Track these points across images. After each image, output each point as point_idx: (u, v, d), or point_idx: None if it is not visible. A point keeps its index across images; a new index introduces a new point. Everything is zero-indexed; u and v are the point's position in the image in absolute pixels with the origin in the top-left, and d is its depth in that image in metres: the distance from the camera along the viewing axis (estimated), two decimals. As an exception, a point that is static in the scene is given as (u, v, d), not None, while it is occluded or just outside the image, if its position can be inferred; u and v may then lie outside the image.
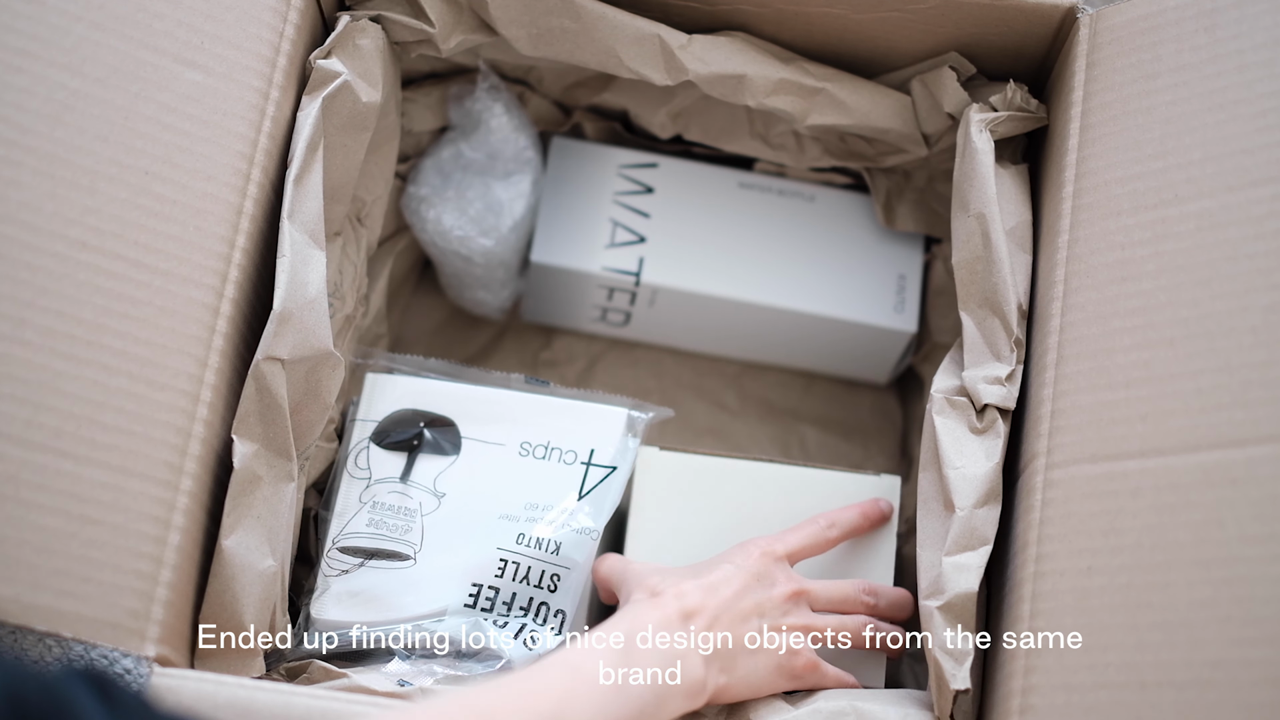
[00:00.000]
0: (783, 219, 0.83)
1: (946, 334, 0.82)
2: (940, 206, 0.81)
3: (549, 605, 0.67)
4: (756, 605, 0.63)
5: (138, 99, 0.61)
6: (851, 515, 0.70)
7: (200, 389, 0.60)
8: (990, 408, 0.66)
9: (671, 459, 0.72)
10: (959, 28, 0.71)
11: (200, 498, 0.60)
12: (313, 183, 0.65)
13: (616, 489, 0.70)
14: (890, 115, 0.75)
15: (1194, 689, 0.53)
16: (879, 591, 0.68)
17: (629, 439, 0.71)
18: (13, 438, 0.55)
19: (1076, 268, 0.64)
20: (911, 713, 0.62)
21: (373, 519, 0.69)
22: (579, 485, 0.70)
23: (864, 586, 0.68)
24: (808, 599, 0.66)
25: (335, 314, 0.71)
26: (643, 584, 0.63)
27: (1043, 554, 0.60)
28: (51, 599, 0.55)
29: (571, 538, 0.68)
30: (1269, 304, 0.57)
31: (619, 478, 0.70)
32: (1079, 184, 0.66)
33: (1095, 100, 0.67)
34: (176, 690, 0.55)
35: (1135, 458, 0.59)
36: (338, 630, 0.66)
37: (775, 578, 0.65)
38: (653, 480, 0.72)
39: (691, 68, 0.72)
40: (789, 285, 0.82)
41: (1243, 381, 0.57)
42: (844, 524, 0.69)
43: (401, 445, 0.71)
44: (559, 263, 0.81)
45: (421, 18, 0.71)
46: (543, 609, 0.67)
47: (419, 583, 0.67)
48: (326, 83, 0.67)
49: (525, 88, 0.82)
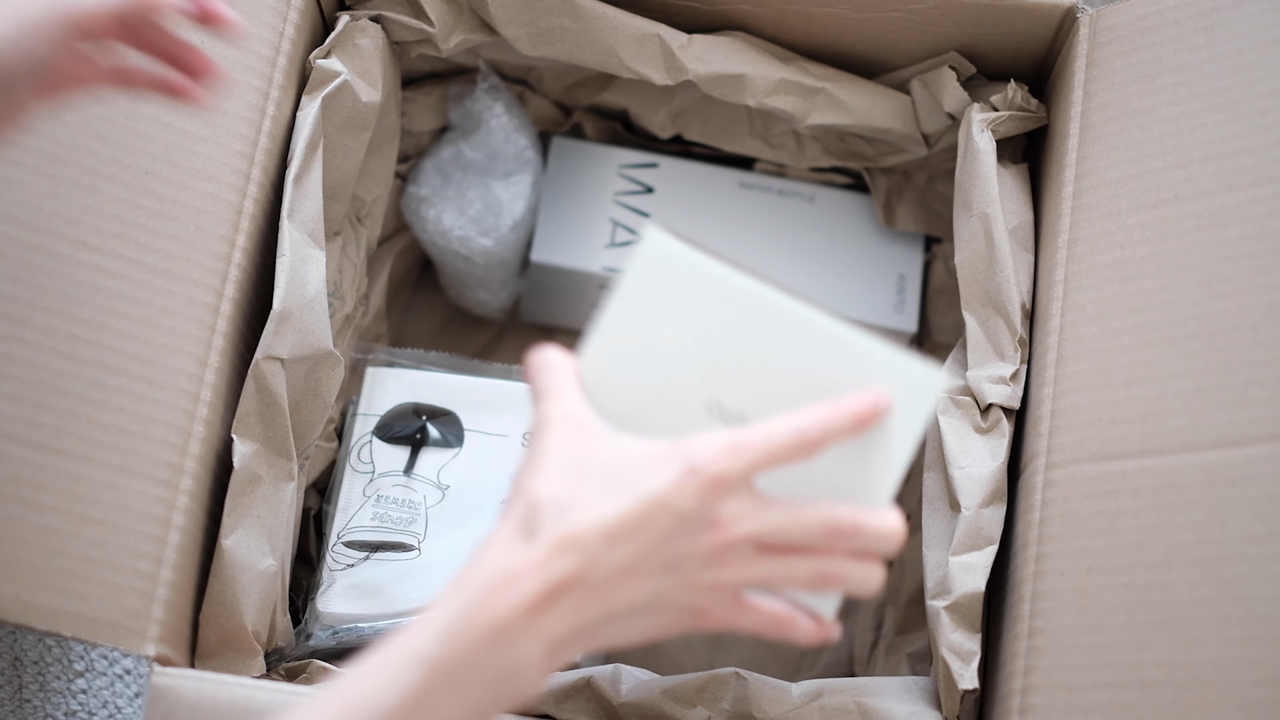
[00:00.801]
0: (783, 219, 0.83)
1: (947, 334, 0.82)
2: (940, 206, 0.81)
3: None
4: (669, 561, 0.47)
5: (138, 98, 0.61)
6: (840, 419, 0.49)
7: (200, 388, 0.60)
8: (995, 407, 0.66)
9: (682, 255, 0.54)
10: (959, 28, 0.71)
11: (200, 497, 0.60)
12: (312, 182, 0.65)
13: None
14: (890, 115, 0.74)
15: (1194, 689, 0.53)
16: (862, 529, 0.48)
17: None
18: (13, 437, 0.55)
19: (1076, 267, 0.64)
20: (918, 710, 0.62)
21: (377, 512, 0.69)
22: None
23: (840, 525, 0.48)
24: (753, 542, 0.48)
25: (335, 313, 0.71)
26: (527, 497, 0.47)
27: (1043, 554, 0.60)
28: (52, 598, 0.55)
29: None
30: (1269, 304, 0.57)
31: None
32: (1079, 184, 0.66)
33: (1095, 100, 0.67)
34: (176, 690, 0.55)
35: (1135, 457, 0.59)
36: (344, 624, 0.67)
37: (712, 518, 0.47)
38: (651, 274, 0.54)
39: (691, 67, 0.72)
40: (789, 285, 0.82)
41: (1243, 381, 0.57)
42: (827, 430, 0.49)
43: (404, 439, 0.71)
44: (559, 262, 0.81)
45: (421, 17, 0.71)
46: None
47: (424, 574, 0.68)
48: (326, 82, 0.67)
49: (525, 88, 0.82)
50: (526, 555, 0.46)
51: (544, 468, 0.48)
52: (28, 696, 0.77)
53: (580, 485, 0.47)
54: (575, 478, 0.48)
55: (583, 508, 0.47)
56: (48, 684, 0.77)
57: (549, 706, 0.62)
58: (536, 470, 0.48)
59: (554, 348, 0.53)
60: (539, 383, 0.51)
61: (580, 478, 0.48)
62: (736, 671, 0.64)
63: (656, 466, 0.47)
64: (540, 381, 0.51)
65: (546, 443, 0.49)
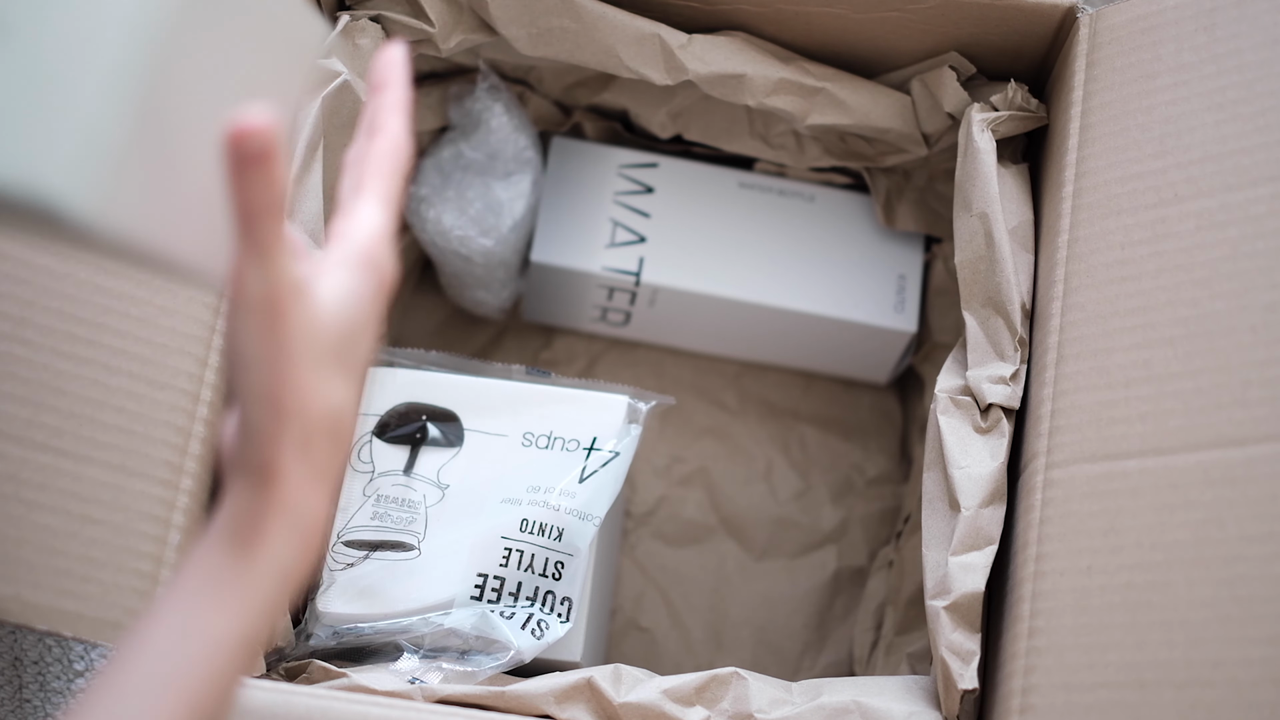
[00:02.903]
0: (783, 219, 0.83)
1: (947, 334, 0.82)
2: (940, 206, 0.81)
3: (555, 593, 0.67)
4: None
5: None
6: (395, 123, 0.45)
7: (200, 388, 0.60)
8: (995, 407, 0.66)
9: None
10: (959, 28, 0.71)
11: (200, 497, 0.60)
12: (313, 182, 0.65)
13: (618, 476, 0.70)
14: (890, 115, 0.75)
15: (1194, 689, 0.53)
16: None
17: (630, 426, 0.72)
18: (13, 437, 0.55)
19: (1076, 267, 0.64)
20: (918, 710, 0.62)
21: (377, 512, 0.69)
22: (580, 471, 0.70)
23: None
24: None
25: (335, 314, 0.71)
26: (258, 444, 0.42)
27: (1043, 554, 0.60)
28: (52, 598, 0.55)
29: (573, 524, 0.68)
30: (1269, 303, 0.57)
31: (620, 464, 0.70)
32: (1079, 184, 0.66)
33: (1095, 100, 0.67)
34: (177, 690, 0.55)
35: (1135, 457, 0.59)
36: (344, 624, 0.67)
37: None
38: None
39: (691, 67, 0.72)
40: (789, 285, 0.82)
41: (1242, 381, 0.57)
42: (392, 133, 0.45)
43: (404, 438, 0.71)
44: (559, 262, 0.81)
45: (421, 17, 0.71)
46: (549, 597, 0.67)
47: (424, 573, 0.68)
48: (326, 82, 0.67)
49: (525, 88, 0.82)
50: (244, 547, 0.43)
51: (269, 435, 0.43)
52: (28, 696, 0.77)
53: (309, 433, 0.43)
54: (312, 426, 0.43)
55: (310, 449, 0.43)
56: (48, 684, 0.77)
57: (549, 706, 0.62)
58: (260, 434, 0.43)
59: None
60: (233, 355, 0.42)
61: (316, 427, 0.43)
62: (736, 671, 0.64)
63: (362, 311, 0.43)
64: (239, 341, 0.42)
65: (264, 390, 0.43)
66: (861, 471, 0.87)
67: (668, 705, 0.62)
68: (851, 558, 0.85)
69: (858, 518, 0.86)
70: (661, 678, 0.63)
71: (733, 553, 0.85)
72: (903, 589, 0.77)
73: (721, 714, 0.63)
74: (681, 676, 0.63)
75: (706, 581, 0.84)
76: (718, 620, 0.84)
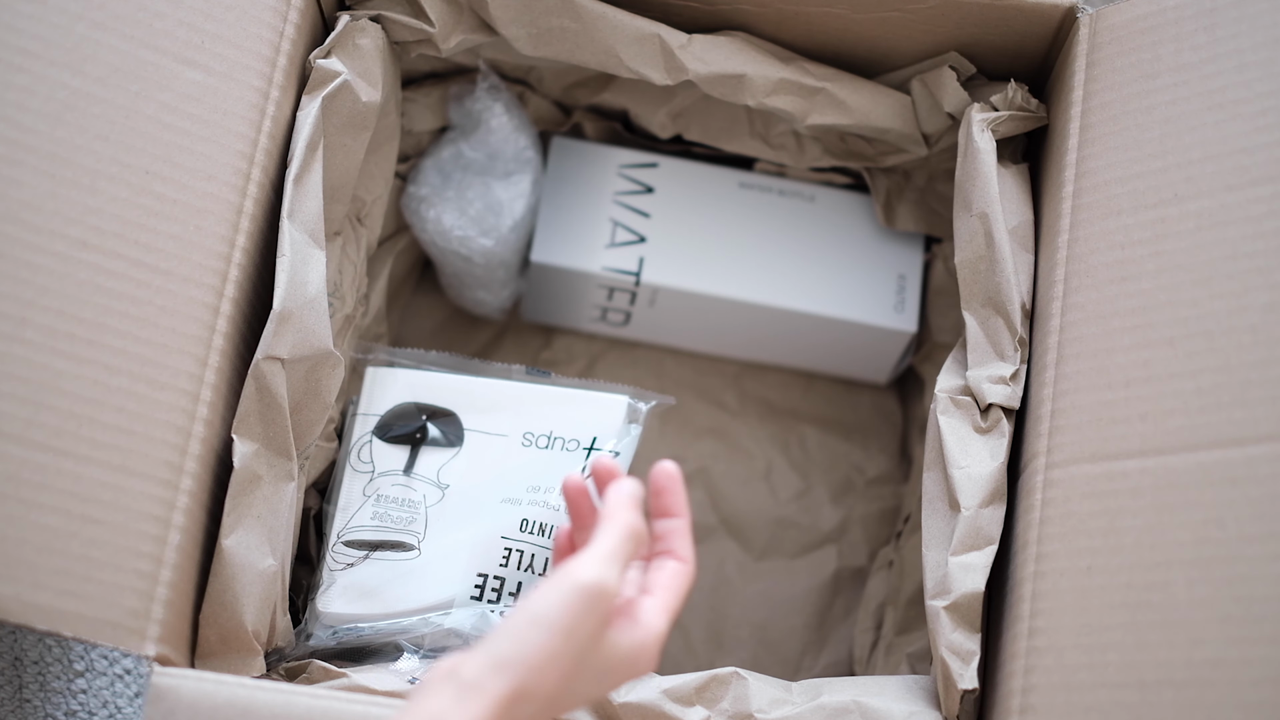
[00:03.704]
0: (783, 219, 0.83)
1: (947, 334, 0.82)
2: (940, 206, 0.81)
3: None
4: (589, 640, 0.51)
5: (138, 98, 0.61)
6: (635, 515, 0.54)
7: (200, 388, 0.60)
8: (995, 407, 0.66)
9: None
10: (959, 28, 0.71)
11: (200, 497, 0.60)
12: (312, 182, 0.65)
13: None
14: (890, 115, 0.75)
15: (1194, 689, 0.53)
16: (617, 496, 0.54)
17: (631, 426, 0.72)
18: (13, 437, 0.55)
19: (1076, 267, 0.64)
20: (918, 710, 0.62)
21: (377, 511, 0.69)
22: (580, 471, 0.70)
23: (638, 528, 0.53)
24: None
25: (335, 314, 0.71)
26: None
27: (1043, 554, 0.60)
28: (52, 598, 0.55)
29: None
30: (1268, 303, 0.57)
31: (620, 464, 0.70)
32: (1079, 184, 0.66)
33: (1095, 100, 0.67)
34: (176, 690, 0.55)
35: (1135, 457, 0.59)
36: (344, 624, 0.67)
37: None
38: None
39: (691, 67, 0.72)
40: (789, 285, 0.82)
41: (1242, 381, 0.57)
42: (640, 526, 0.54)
43: (404, 438, 0.71)
44: (559, 262, 0.81)
45: (421, 17, 0.71)
46: (547, 600, 0.67)
47: (425, 573, 0.68)
48: (326, 82, 0.67)
49: (525, 88, 0.82)
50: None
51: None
52: (28, 696, 0.77)
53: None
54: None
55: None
56: (48, 684, 0.77)
57: (549, 706, 0.62)
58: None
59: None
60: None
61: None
62: (736, 671, 0.64)
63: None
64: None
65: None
66: (861, 471, 0.87)
67: (668, 705, 0.62)
68: (851, 558, 0.85)
69: (858, 518, 0.86)
70: (661, 678, 0.64)
71: (733, 553, 0.85)
72: (903, 589, 0.77)
73: (721, 714, 0.63)
74: (681, 676, 0.63)
75: (706, 581, 0.84)
76: (718, 620, 0.84)
